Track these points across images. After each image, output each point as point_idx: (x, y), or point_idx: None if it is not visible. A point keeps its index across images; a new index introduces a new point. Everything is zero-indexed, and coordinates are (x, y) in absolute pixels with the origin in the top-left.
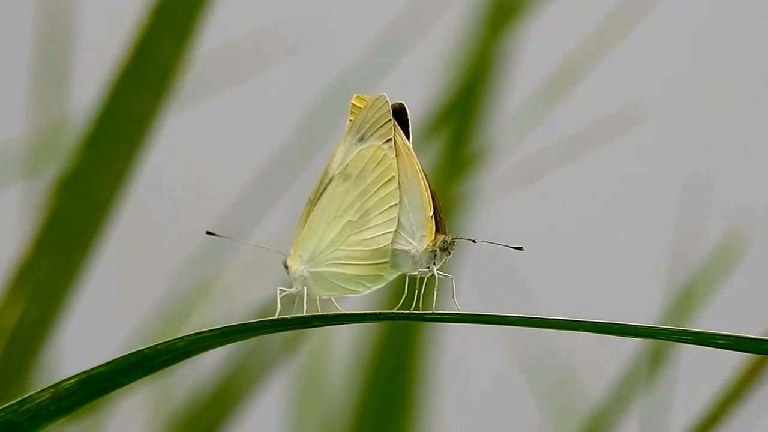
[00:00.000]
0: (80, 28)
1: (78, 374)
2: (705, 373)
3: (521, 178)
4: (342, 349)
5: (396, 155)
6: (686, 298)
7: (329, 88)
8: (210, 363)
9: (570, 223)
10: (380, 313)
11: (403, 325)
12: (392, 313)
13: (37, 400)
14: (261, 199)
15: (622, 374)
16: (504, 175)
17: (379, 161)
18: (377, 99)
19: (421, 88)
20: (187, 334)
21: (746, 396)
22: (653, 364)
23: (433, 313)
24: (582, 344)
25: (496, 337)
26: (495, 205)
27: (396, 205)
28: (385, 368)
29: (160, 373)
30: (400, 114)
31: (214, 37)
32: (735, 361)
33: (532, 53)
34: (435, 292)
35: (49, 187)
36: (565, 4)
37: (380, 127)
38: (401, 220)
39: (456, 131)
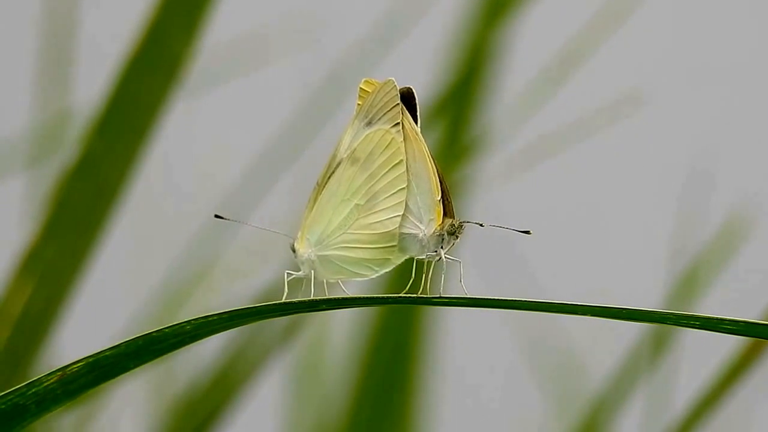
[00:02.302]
0: (84, 19)
1: (85, 358)
2: (705, 355)
3: (524, 163)
4: (341, 335)
5: (404, 139)
6: (688, 283)
7: (327, 76)
8: (209, 349)
9: (572, 209)
10: (389, 297)
11: (404, 309)
12: (400, 296)
13: (45, 383)
14: (262, 183)
15: (625, 359)
16: (508, 161)
17: (387, 145)
18: (385, 83)
19: (420, 74)
20: (195, 317)
21: (746, 377)
22: (655, 349)
23: (440, 297)
24: (584, 329)
25: (497, 323)
26: (497, 191)
27: (404, 189)
28: (385, 354)
29: (163, 359)
30: (408, 98)
31: (217, 29)
32: (732, 342)
33: (534, 38)
34: (443, 276)
35: (58, 173)
36: None
37: (388, 111)
38: (409, 203)
39: (454, 118)
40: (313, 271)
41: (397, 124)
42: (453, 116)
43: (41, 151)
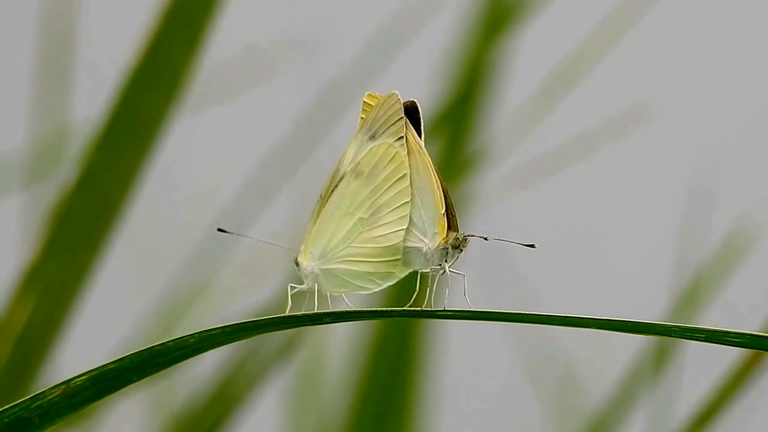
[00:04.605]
0: (82, 35)
1: (89, 371)
2: (704, 369)
3: (525, 177)
4: (340, 349)
5: (408, 153)
6: (691, 297)
7: (326, 91)
8: (209, 363)
9: (574, 223)
10: (393, 310)
11: (403, 323)
12: (405, 310)
13: (49, 397)
14: (261, 198)
15: (625, 373)
16: (510, 175)
17: (391, 159)
18: (389, 97)
19: (419, 89)
20: (198, 330)
21: (746, 389)
22: (656, 363)
23: (444, 310)
24: (584, 344)
25: (497, 337)
26: (499, 205)
27: (408, 202)
28: (384, 369)
29: (165, 372)
30: (411, 112)
31: (217, 45)
32: (733, 356)
33: (536, 51)
34: (447, 289)
35: (59, 188)
36: (566, 3)
37: (392, 124)
38: (413, 217)
39: (453, 133)
40: (316, 285)
41: (401, 137)
42: (452, 131)
43: (41, 168)
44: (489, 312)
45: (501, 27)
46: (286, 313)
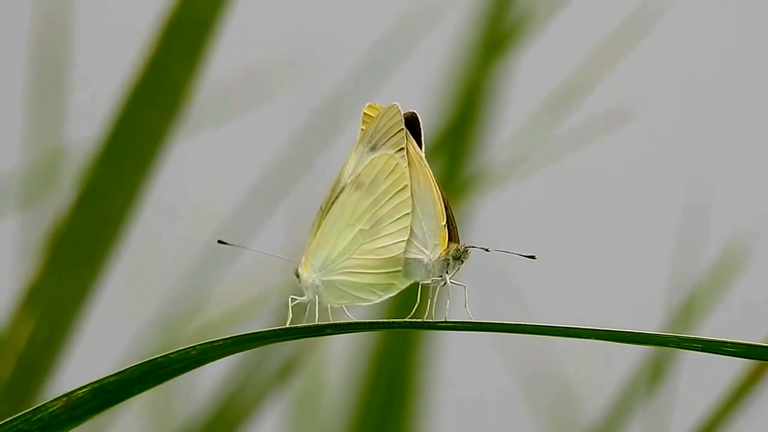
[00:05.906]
0: (79, 55)
1: (90, 383)
2: (700, 383)
3: (523, 190)
4: (340, 361)
5: (408, 164)
6: (687, 310)
7: (323, 108)
8: (209, 381)
9: (570, 238)
10: (394, 322)
11: (399, 337)
12: (406, 321)
13: (50, 409)
14: (260, 214)
15: (621, 387)
16: (506, 188)
17: (392, 170)
18: (389, 108)
19: (418, 105)
20: (200, 343)
21: (746, 404)
22: (652, 377)
23: (446, 322)
24: (580, 359)
25: (493, 351)
26: (500, 217)
27: (408, 214)
28: (384, 381)
29: (166, 386)
30: (412, 123)
31: (216, 63)
32: (731, 370)
33: (531, 70)
34: (448, 301)
35: (59, 206)
36: (568, 15)
37: (392, 136)
38: (414, 228)
39: (451, 151)
40: (317, 296)
41: (402, 149)
42: (450, 150)
43: (41, 186)
44: (489, 323)
45: (500, 45)
46: (287, 325)
